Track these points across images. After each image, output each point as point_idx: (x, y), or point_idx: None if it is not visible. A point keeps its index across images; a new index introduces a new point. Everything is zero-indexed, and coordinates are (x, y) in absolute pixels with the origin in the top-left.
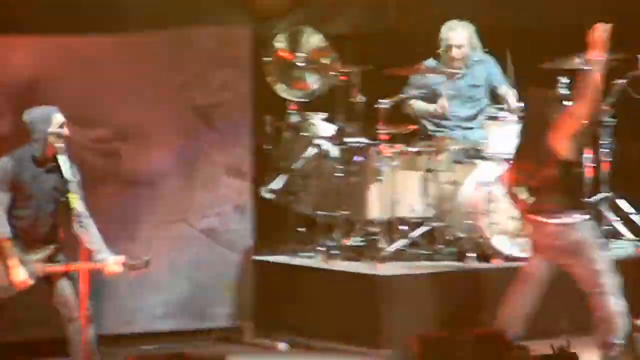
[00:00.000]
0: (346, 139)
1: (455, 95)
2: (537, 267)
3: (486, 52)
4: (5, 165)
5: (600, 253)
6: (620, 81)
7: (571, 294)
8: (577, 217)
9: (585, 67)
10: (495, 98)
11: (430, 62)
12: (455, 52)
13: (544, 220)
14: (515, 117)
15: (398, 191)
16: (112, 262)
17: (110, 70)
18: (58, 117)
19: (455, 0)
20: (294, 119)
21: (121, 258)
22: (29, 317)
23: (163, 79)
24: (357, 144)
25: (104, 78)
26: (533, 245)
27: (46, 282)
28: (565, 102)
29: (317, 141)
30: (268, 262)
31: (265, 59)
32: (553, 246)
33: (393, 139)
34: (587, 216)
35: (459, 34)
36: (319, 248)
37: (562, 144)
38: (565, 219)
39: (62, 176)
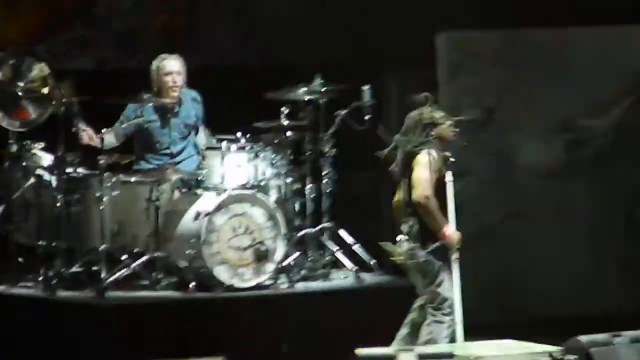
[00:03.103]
0: (67, 169)
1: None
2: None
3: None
4: None
5: (445, 279)
6: (342, 112)
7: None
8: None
9: (307, 97)
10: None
11: (147, 95)
12: (170, 79)
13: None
14: (235, 148)
15: (119, 221)
16: None
17: None
18: None
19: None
20: (14, 148)
21: None
22: None
23: None
24: (78, 174)
25: None
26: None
27: None
28: (287, 132)
29: (37, 171)
30: None
31: None
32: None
33: (115, 168)
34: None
35: (173, 62)
36: (39, 278)
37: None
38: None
39: None
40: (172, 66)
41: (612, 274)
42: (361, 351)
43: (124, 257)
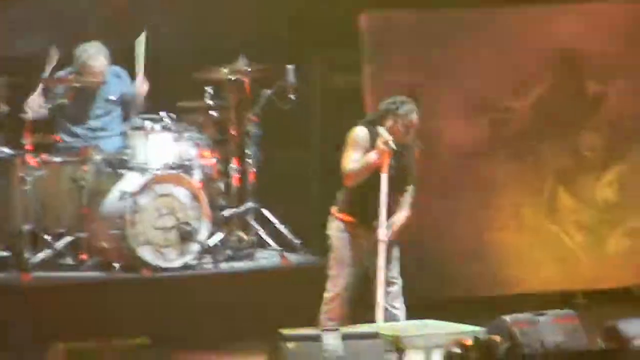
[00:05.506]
0: None
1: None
2: None
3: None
4: None
5: (336, 255)
6: (267, 91)
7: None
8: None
9: (231, 77)
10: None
11: (66, 71)
12: (91, 68)
13: None
14: (160, 128)
15: (43, 201)
16: None
17: None
18: None
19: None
20: None
21: None
22: None
23: None
24: (1, 153)
25: None
26: None
27: None
28: (211, 112)
29: None
30: None
31: None
32: None
33: (38, 149)
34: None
35: (94, 56)
36: None
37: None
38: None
39: None
40: (94, 60)
41: (536, 253)
42: (286, 331)
43: (47, 237)
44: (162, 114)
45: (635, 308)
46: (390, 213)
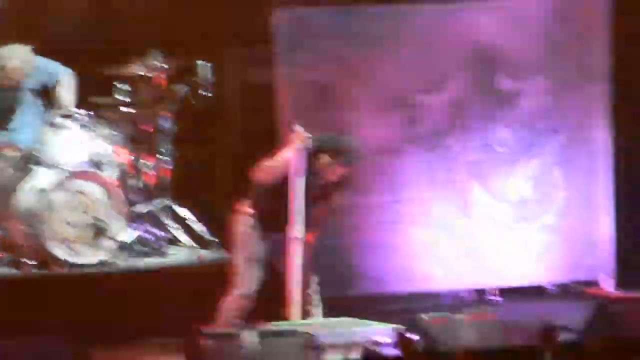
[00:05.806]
0: None
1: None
2: None
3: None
4: None
5: (245, 252)
6: (181, 87)
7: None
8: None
9: (145, 73)
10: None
11: None
12: (9, 72)
13: None
14: (76, 124)
15: None
16: None
17: None
18: None
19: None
20: None
21: None
22: None
23: None
24: None
25: None
26: None
27: None
28: (125, 108)
29: None
30: None
31: None
32: None
33: None
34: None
35: (14, 59)
36: None
37: None
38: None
39: None
40: (11, 63)
41: (450, 249)
42: (204, 329)
43: None
44: (77, 110)
45: (551, 305)
46: (308, 214)
